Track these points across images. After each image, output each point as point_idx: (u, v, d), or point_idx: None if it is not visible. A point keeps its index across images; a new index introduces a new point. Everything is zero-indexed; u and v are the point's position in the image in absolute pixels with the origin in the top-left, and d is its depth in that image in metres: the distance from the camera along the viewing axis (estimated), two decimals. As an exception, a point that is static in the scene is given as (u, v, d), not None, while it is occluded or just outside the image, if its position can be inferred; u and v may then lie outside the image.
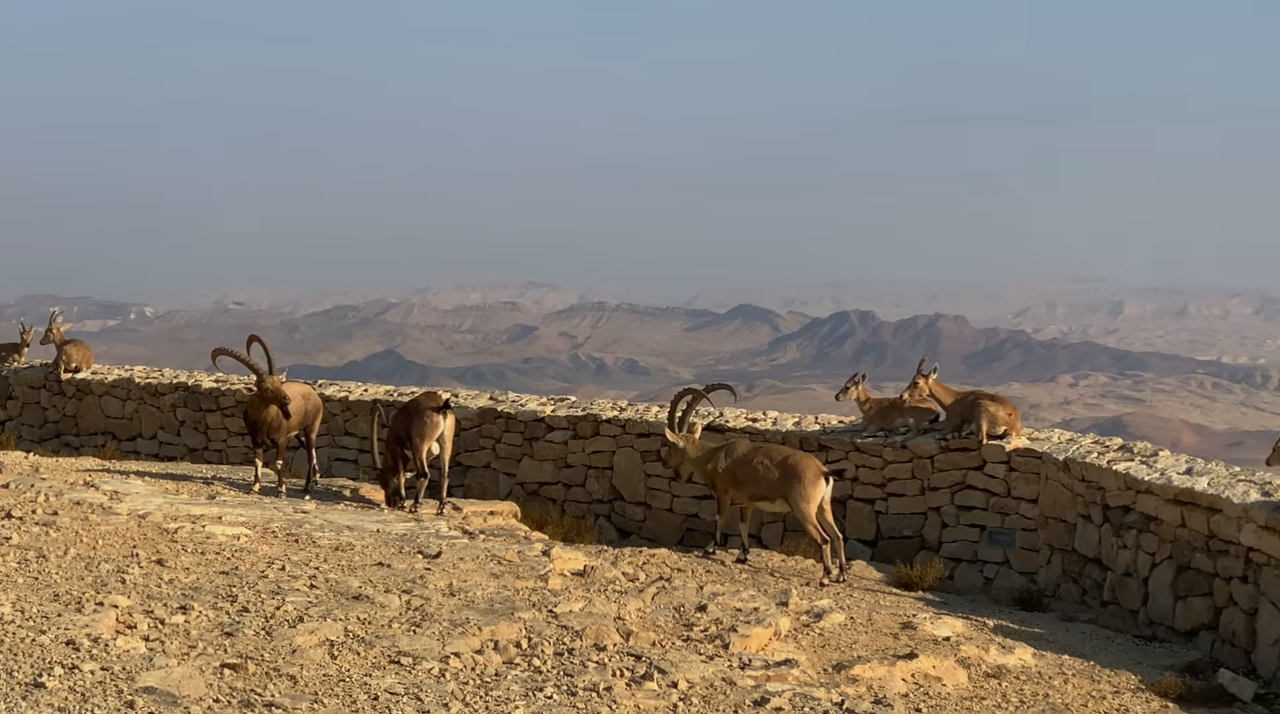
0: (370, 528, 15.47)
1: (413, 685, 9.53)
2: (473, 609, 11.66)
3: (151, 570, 12.18)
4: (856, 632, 13.36)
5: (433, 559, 13.73)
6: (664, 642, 11.58)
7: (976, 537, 18.78)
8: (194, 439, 24.80)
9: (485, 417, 21.90)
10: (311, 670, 9.65)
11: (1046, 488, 18.13)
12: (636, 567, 15.02)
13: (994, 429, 18.65)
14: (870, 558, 18.50)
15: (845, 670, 11.85)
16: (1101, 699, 12.29)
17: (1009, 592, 17.45)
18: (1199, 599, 15.16)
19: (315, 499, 17.61)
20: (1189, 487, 15.39)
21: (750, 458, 16.61)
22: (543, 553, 14.54)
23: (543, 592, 12.70)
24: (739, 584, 14.89)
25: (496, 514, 17.89)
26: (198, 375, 25.88)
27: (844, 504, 19.30)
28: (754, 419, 20.59)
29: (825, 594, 15.03)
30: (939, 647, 13.01)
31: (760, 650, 11.76)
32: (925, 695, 11.73)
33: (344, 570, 12.83)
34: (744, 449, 16.84)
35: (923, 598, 15.96)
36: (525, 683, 9.91)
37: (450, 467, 18.41)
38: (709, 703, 9.98)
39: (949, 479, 18.88)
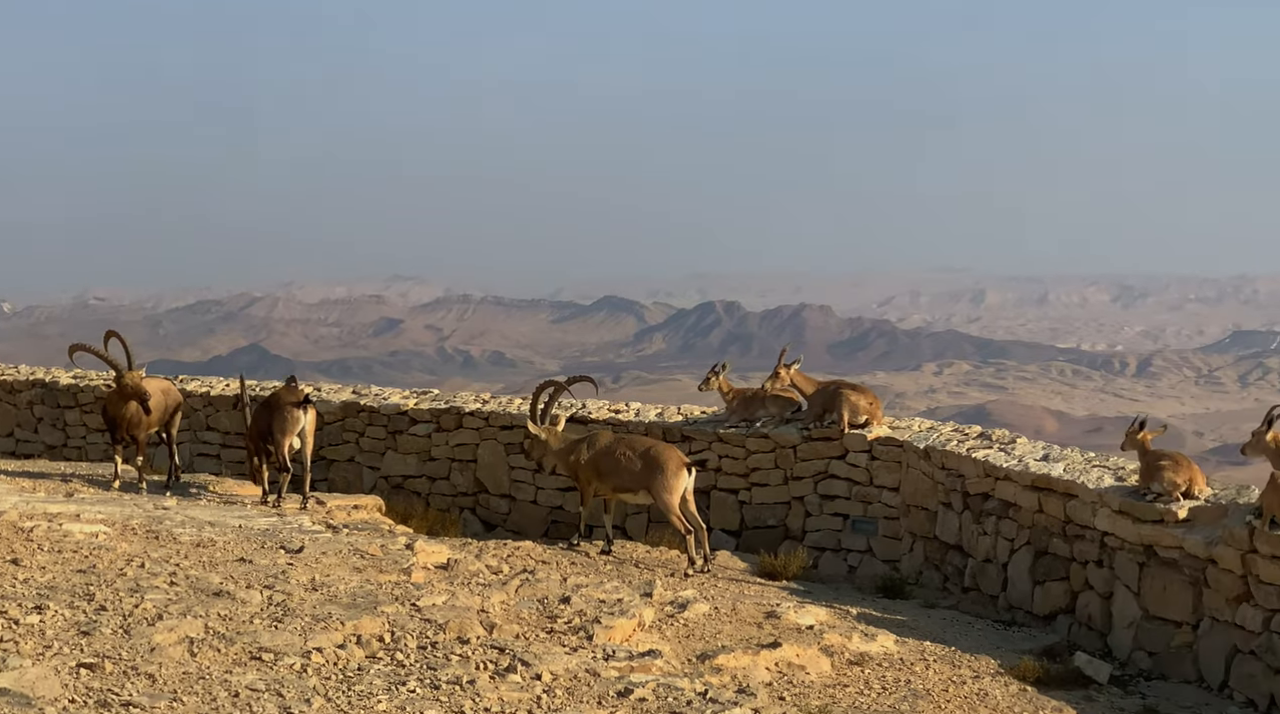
0: (232, 524, 15.34)
1: (274, 681, 9.46)
2: (335, 604, 11.59)
3: (5, 570, 12.00)
4: (721, 622, 13.42)
5: (295, 554, 13.64)
6: (528, 634, 11.56)
7: (840, 525, 18.89)
8: (52, 436, 24.46)
9: (348, 410, 21.76)
10: (171, 668, 9.55)
11: (908, 476, 18.28)
12: (501, 559, 15.01)
13: (856, 418, 18.77)
14: (735, 548, 18.57)
15: (709, 660, 11.90)
16: (962, 684, 12.43)
17: (872, 579, 17.59)
18: (1056, 584, 15.38)
19: (177, 495, 17.43)
20: (1045, 473, 15.61)
21: (613, 450, 16.66)
22: (406, 546, 14.48)
23: (406, 585, 12.65)
24: (603, 576, 14.92)
25: (360, 508, 17.82)
26: (55, 371, 25.52)
27: (708, 494, 19.35)
28: (617, 410, 20.60)
29: (689, 585, 15.08)
30: (802, 635, 13.10)
31: (624, 642, 11.76)
32: (789, 684, 11.81)
33: (205, 567, 12.72)
34: (606, 441, 16.89)
35: (787, 587, 16.06)
36: (388, 677, 9.86)
37: (313, 461, 18.29)
38: (572, 695, 9.97)
39: (812, 468, 18.97)
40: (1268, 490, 12.90)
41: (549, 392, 17.52)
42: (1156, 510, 14.01)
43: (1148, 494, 14.28)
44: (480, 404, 21.30)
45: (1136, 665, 14.04)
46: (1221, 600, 13.24)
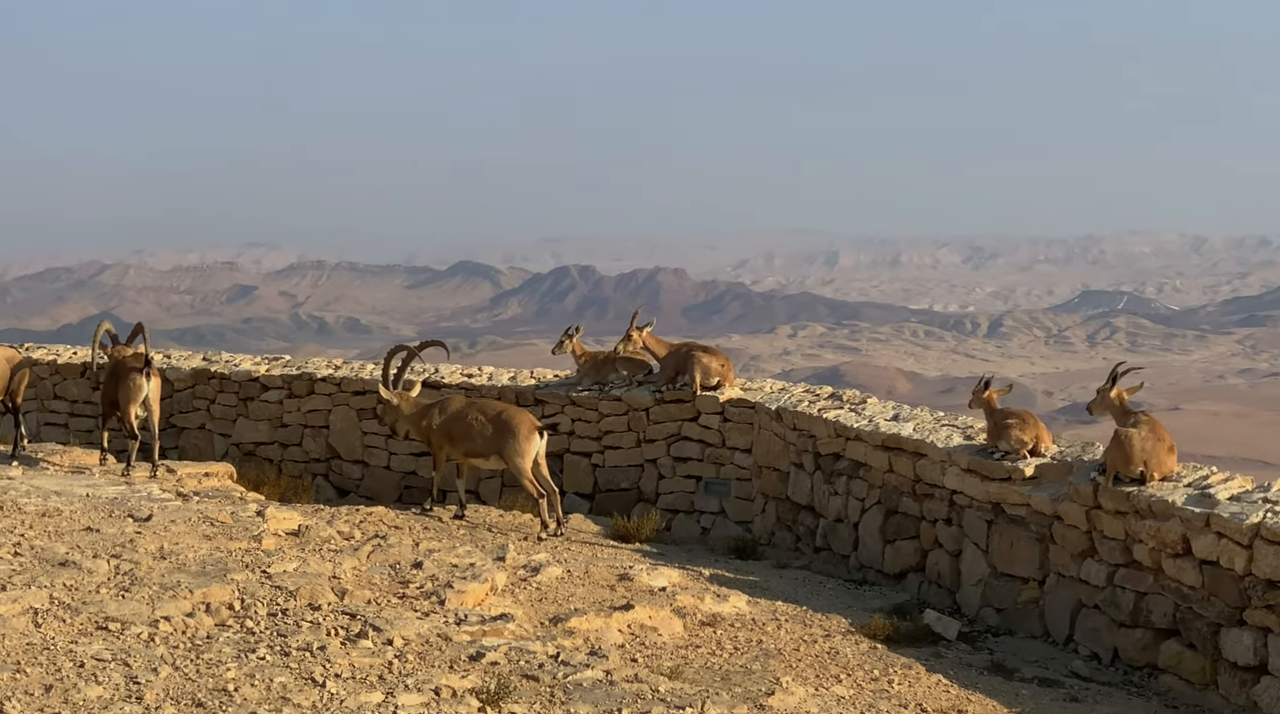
0: (80, 493, 15.16)
1: (121, 651, 9.38)
2: (184, 572, 11.50)
3: None
4: (574, 585, 13.45)
5: (143, 523, 13.50)
6: (379, 599, 11.53)
7: (693, 487, 18.97)
8: (-105, 406, 24.04)
9: (199, 377, 21.54)
10: (14, 639, 9.44)
11: (760, 437, 18.39)
12: (353, 525, 14.95)
13: (708, 380, 18.84)
14: (588, 511, 18.61)
15: (562, 623, 11.91)
16: (813, 643, 12.53)
17: (725, 541, 17.69)
18: (907, 542, 15.55)
19: (22, 465, 17.19)
20: (895, 432, 15.76)
21: (464, 414, 16.66)
22: (257, 513, 14.38)
23: (256, 552, 12.57)
24: (456, 540, 14.90)
25: (211, 475, 17.65)
26: (-105, 341, 25.07)
27: (561, 458, 19.37)
28: (469, 375, 20.55)
29: (542, 548, 15.10)
30: (655, 597, 13.15)
31: (477, 606, 11.77)
32: (641, 645, 11.85)
33: (50, 536, 12.57)
34: (458, 405, 16.89)
35: (640, 549, 16.12)
36: (238, 644, 9.81)
37: (163, 428, 18.08)
38: (425, 659, 9.97)
39: (664, 431, 19.04)
40: (1111, 447, 13.12)
41: (401, 356, 17.50)
42: (1004, 468, 14.19)
43: (995, 452, 14.46)
44: (333, 370, 21.16)
45: (985, 622, 14.23)
46: (1067, 556, 13.43)
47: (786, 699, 10.30)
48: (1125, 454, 12.90)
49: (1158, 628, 12.45)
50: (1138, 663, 12.60)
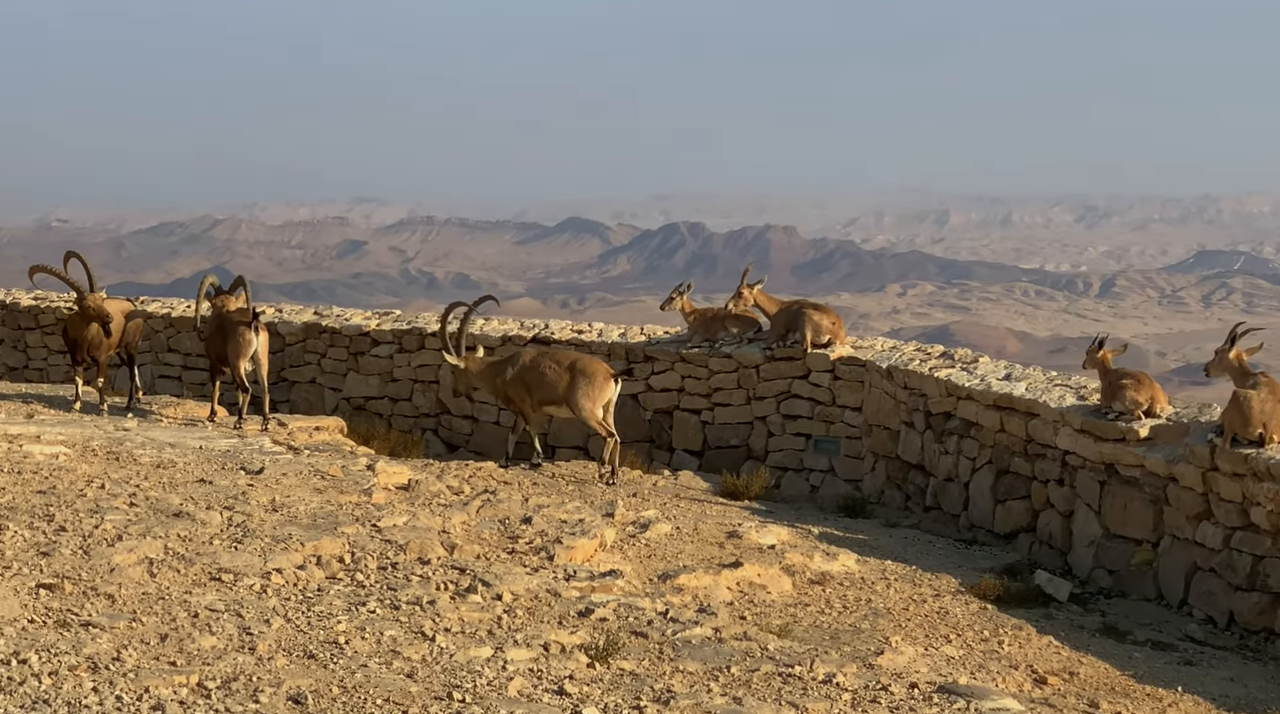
0: (193, 445, 15.29)
1: (234, 602, 9.45)
2: (295, 525, 11.58)
3: (-35, 491, 11.97)
4: (682, 542, 13.44)
5: (255, 475, 13.60)
6: (489, 554, 11.56)
7: (802, 445, 18.92)
8: (13, 358, 24.34)
9: (310, 332, 21.68)
10: (130, 589, 9.53)
11: (870, 396, 18.30)
12: (462, 480, 15.00)
13: (818, 338, 18.76)
14: (697, 468, 18.59)
15: (670, 580, 11.91)
16: (923, 602, 12.47)
17: (834, 499, 17.61)
18: (1017, 502, 15.43)
19: (137, 417, 17.37)
20: (1008, 392, 15.63)
21: (538, 365, 16.86)
22: (367, 467, 14.45)
23: (366, 506, 12.64)
24: (565, 496, 14.92)
25: (322, 429, 17.77)
26: (16, 293, 25.37)
27: (671, 415, 19.39)
28: (580, 331, 20.57)
29: (651, 505, 15.07)
30: (764, 555, 13.13)
31: (585, 562, 11.78)
32: (750, 603, 11.83)
33: (165, 488, 12.68)
34: (530, 357, 17.04)
35: (749, 507, 16.07)
36: (348, 598, 9.86)
37: (273, 382, 18.21)
38: (533, 615, 9.99)
39: (774, 388, 18.99)
40: (1229, 408, 12.95)
41: (460, 316, 17.51)
42: (1118, 429, 14.05)
43: (1109, 413, 14.32)
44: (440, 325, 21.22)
45: (1096, 583, 14.11)
46: (1182, 518, 13.29)
47: (896, 658, 10.25)
48: (1244, 416, 12.72)
49: (1275, 592, 12.31)
50: (1254, 627, 12.46)
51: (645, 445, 19.39)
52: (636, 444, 19.28)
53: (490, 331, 20.59)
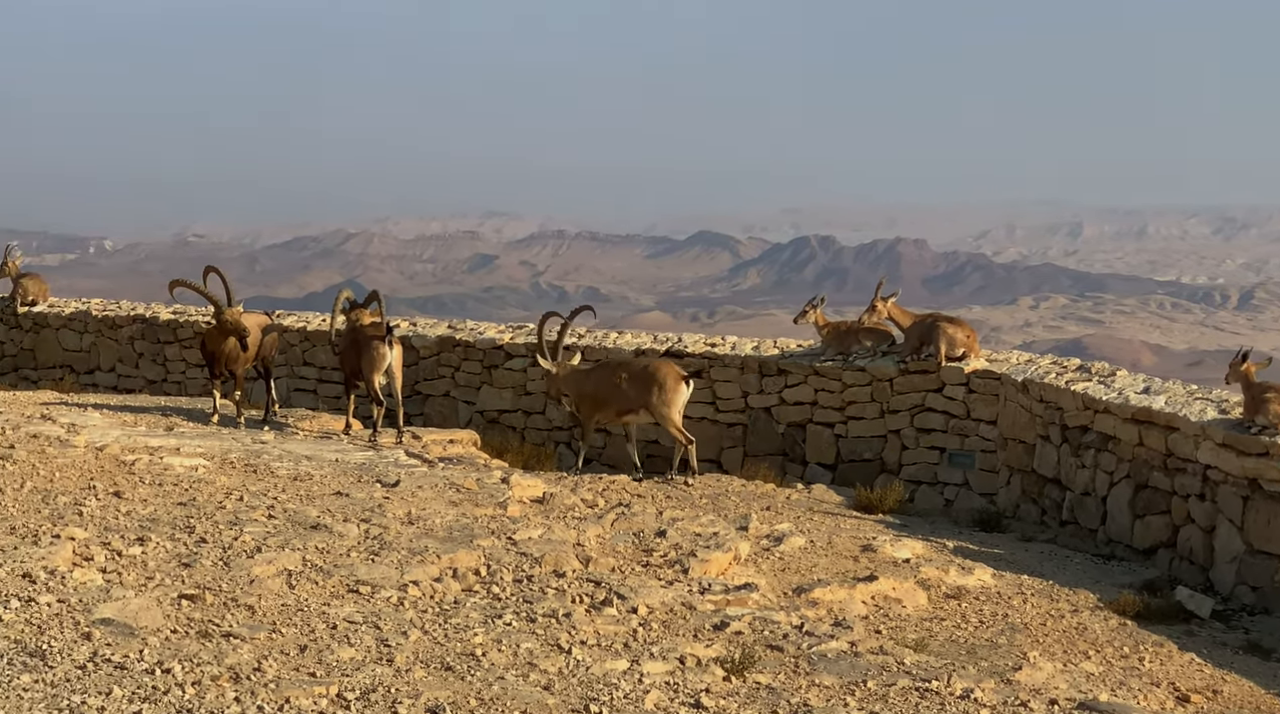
0: (329, 457, 15.42)
1: (371, 614, 9.51)
2: (431, 537, 11.64)
3: (109, 502, 12.12)
4: (816, 555, 13.39)
5: (391, 488, 13.70)
6: (623, 567, 11.58)
7: (936, 459, 18.85)
8: (152, 371, 24.67)
9: (444, 345, 21.82)
10: (269, 600, 9.62)
11: (1005, 409, 18.17)
12: (596, 493, 15.02)
13: (953, 351, 18.68)
14: (830, 481, 18.55)
15: (805, 594, 11.86)
16: (1060, 618, 12.34)
17: (969, 513, 17.51)
18: (1157, 517, 15.24)
19: (274, 430, 17.54)
20: (1146, 406, 15.45)
21: (609, 375, 17.09)
22: (502, 480, 14.51)
23: (502, 519, 12.69)
24: (699, 509, 14.90)
25: (456, 442, 17.86)
26: (155, 307, 25.71)
27: (804, 428, 19.37)
28: (713, 344, 20.58)
29: (785, 518, 15.03)
30: (899, 569, 13.05)
31: (720, 575, 11.76)
32: (885, 617, 11.76)
33: (302, 500, 12.80)
34: (602, 368, 17.39)
35: (883, 520, 15.99)
36: (484, 610, 9.90)
37: (408, 395, 18.32)
38: (669, 628, 9.98)
39: (908, 402, 18.92)
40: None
41: (557, 325, 17.71)
42: (1262, 443, 13.83)
43: (1252, 427, 14.11)
44: (576, 338, 21.29)
45: (1239, 600, 13.89)
46: (1327, 534, 13.09)
47: (1034, 674, 10.14)
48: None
49: None
50: (1402, 645, 12.23)
51: (778, 459, 19.38)
52: (769, 457, 19.29)
53: (623, 345, 20.67)
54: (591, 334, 21.82)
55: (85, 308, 26.00)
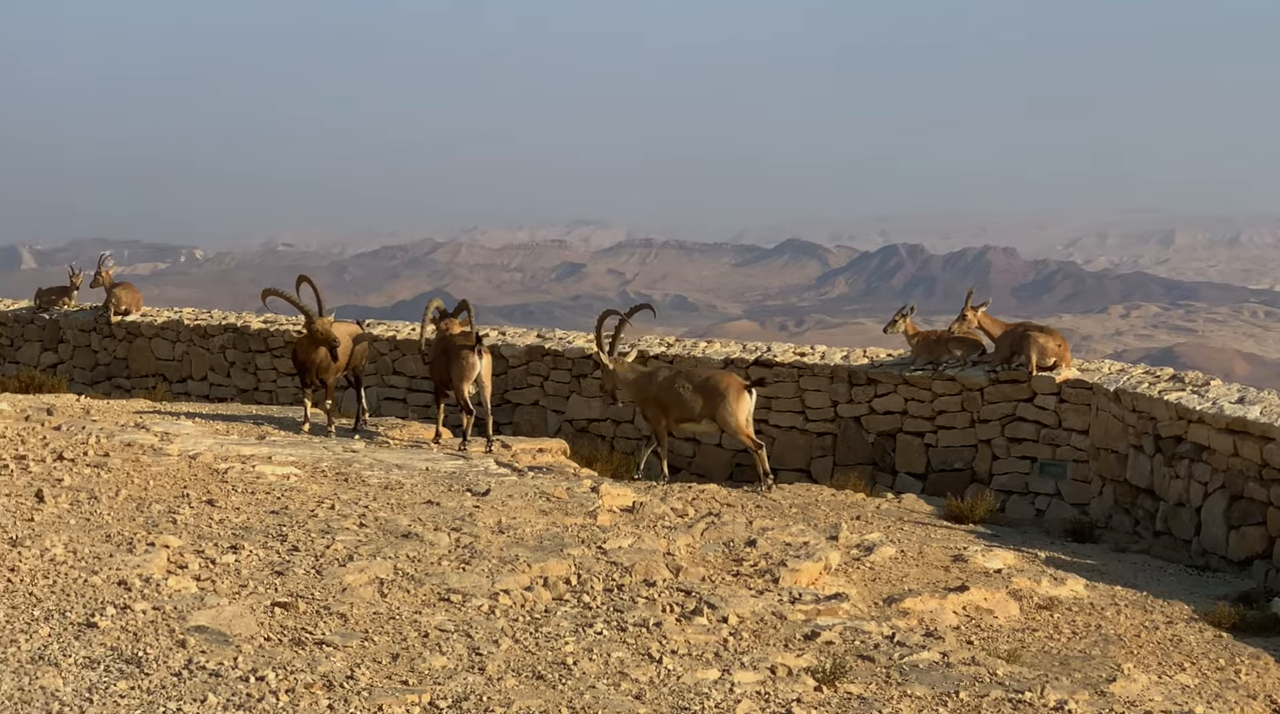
0: (419, 466, 15.48)
1: (463, 622, 9.54)
2: (522, 546, 11.67)
3: (202, 510, 12.23)
4: (907, 565, 13.33)
5: (482, 497, 13.73)
6: (714, 577, 11.57)
7: (1027, 469, 18.73)
8: (244, 380, 24.86)
9: (532, 354, 21.87)
10: (362, 608, 9.67)
11: (1098, 419, 18.03)
12: (686, 502, 15.00)
13: (1044, 360, 18.56)
14: (920, 491, 18.46)
15: (896, 604, 11.82)
16: (1155, 629, 12.23)
17: (1061, 523, 17.36)
18: (1252, 528, 15.07)
19: (364, 439, 17.62)
20: (1241, 416, 15.28)
21: (673, 383, 17.10)
22: (592, 490, 14.52)
23: (592, 528, 12.70)
24: (789, 519, 14.85)
25: (545, 451, 17.88)
26: (246, 316, 25.91)
27: (894, 437, 19.31)
28: (802, 353, 20.54)
29: (875, 528, 14.96)
30: (990, 579, 12.97)
31: (810, 585, 11.74)
32: (977, 628, 11.70)
33: (393, 509, 12.86)
34: (666, 376, 17.31)
35: (974, 530, 15.90)
36: (575, 619, 9.91)
37: (497, 404, 18.36)
38: (759, 637, 9.97)
39: (999, 411, 18.82)
40: None
41: (615, 322, 17.73)
42: (1358, 455, 13.68)
43: (1348, 438, 13.96)
44: (665, 347, 21.31)
45: (1337, 612, 13.74)
46: None
47: (1129, 686, 10.05)
48: None
49: None
50: None
51: (868, 468, 19.32)
52: (859, 467, 19.24)
53: (712, 354, 20.66)
54: (680, 343, 21.83)
55: (177, 317, 26.23)
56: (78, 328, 27.37)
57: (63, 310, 27.89)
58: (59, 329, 27.67)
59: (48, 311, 28.04)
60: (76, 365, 27.22)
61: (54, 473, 13.40)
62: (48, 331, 27.83)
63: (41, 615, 9.00)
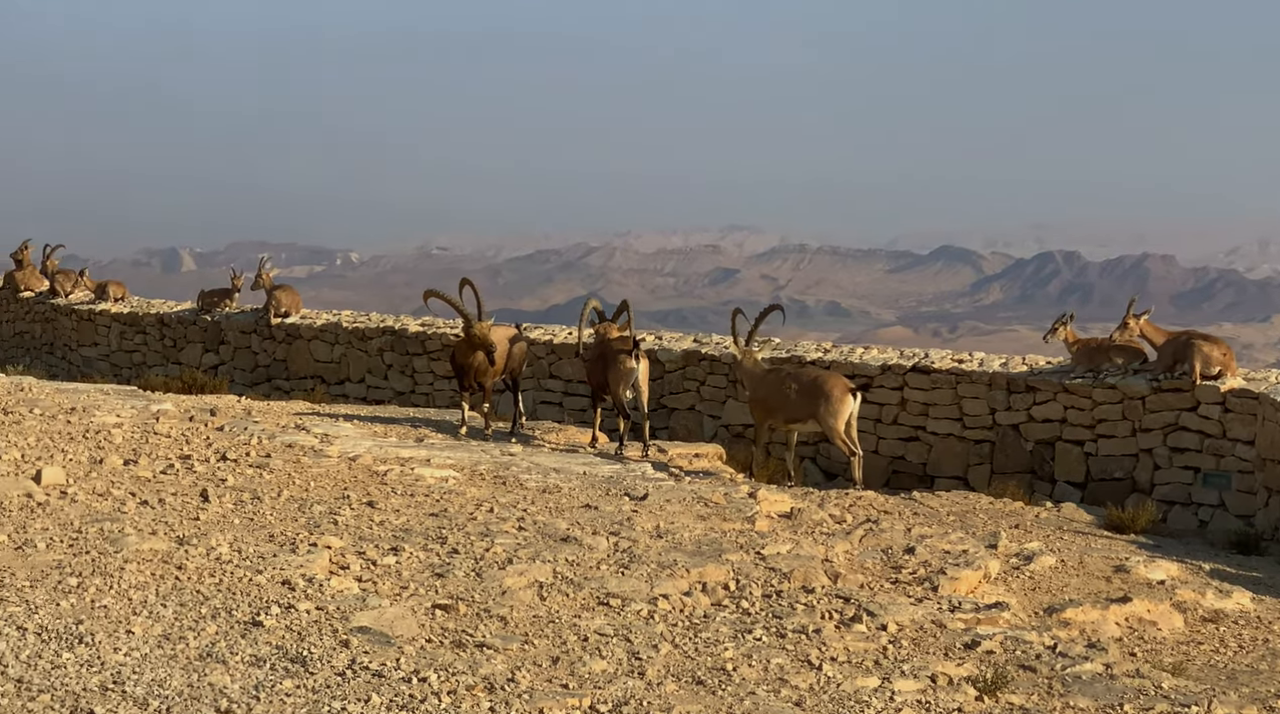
0: (576, 470, 15.52)
1: (622, 627, 9.55)
2: (680, 551, 11.66)
3: (362, 512, 12.34)
4: (1067, 575, 13.17)
5: (639, 501, 13.74)
6: (872, 584, 11.50)
7: (1190, 479, 18.46)
8: (401, 382, 25.07)
9: (689, 359, 21.88)
10: (521, 611, 9.70)
11: (1264, 429, 17.74)
12: (843, 509, 14.93)
13: (1208, 369, 18.30)
14: (1079, 500, 18.26)
15: (1057, 614, 11.70)
16: (1323, 645, 12.01)
17: (1225, 535, 17.09)
18: None
19: (521, 442, 17.69)
20: None
21: (780, 383, 17.21)
22: (749, 495, 14.47)
23: (750, 534, 12.67)
24: (947, 526, 14.75)
25: (701, 456, 17.87)
26: (404, 319, 26.15)
27: (1053, 445, 19.11)
28: (960, 360, 20.40)
29: (1034, 537, 14.81)
30: (1153, 590, 12.79)
31: (970, 593, 11.63)
32: (1140, 640, 11.55)
33: (551, 512, 12.90)
34: (775, 376, 17.49)
35: (1135, 541, 15.70)
36: (734, 625, 9.89)
37: (653, 408, 18.37)
38: (919, 646, 9.89)
39: (1161, 420, 18.57)
40: None
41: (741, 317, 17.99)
42: None
43: None
44: (822, 353, 21.26)
45: None
46: None
47: (1298, 702, 9.88)
48: None
49: None
50: None
51: (1026, 476, 19.14)
52: (1017, 475, 19.06)
53: (869, 361, 20.59)
54: (838, 349, 21.78)
55: (336, 320, 26.52)
56: (238, 330, 27.77)
57: (224, 312, 28.32)
58: (220, 331, 28.10)
59: (210, 313, 28.48)
60: (237, 366, 27.61)
61: (218, 473, 13.58)
62: (209, 333, 28.26)
63: (209, 613, 9.11)
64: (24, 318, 33.96)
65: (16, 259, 34.41)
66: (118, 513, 11.77)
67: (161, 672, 8.03)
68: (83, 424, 15.96)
